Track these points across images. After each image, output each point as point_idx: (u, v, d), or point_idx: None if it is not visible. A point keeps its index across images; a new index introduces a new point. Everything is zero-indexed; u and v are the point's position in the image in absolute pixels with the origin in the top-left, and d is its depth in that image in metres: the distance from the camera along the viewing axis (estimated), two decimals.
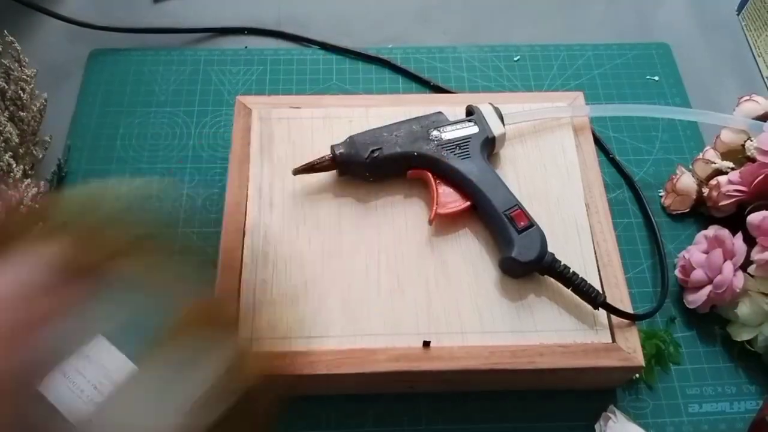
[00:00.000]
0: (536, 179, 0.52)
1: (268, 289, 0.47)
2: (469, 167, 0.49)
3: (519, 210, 0.48)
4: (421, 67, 0.67)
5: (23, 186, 0.54)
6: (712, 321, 0.53)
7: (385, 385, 0.48)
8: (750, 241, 0.51)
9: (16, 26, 0.65)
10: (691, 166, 0.59)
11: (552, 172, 0.53)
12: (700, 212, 0.58)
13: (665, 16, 0.73)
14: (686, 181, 0.58)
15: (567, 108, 0.56)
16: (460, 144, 0.50)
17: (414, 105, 0.55)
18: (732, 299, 0.50)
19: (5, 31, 0.60)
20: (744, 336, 0.51)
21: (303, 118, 0.55)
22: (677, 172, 0.58)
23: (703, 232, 0.54)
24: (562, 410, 0.49)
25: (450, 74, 0.66)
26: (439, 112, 0.53)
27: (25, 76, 0.59)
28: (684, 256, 0.54)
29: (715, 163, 0.56)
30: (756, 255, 0.50)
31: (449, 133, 0.51)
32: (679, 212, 0.58)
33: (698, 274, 0.52)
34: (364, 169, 0.50)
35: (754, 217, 0.50)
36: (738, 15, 0.72)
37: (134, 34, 0.68)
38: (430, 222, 0.50)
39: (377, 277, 0.48)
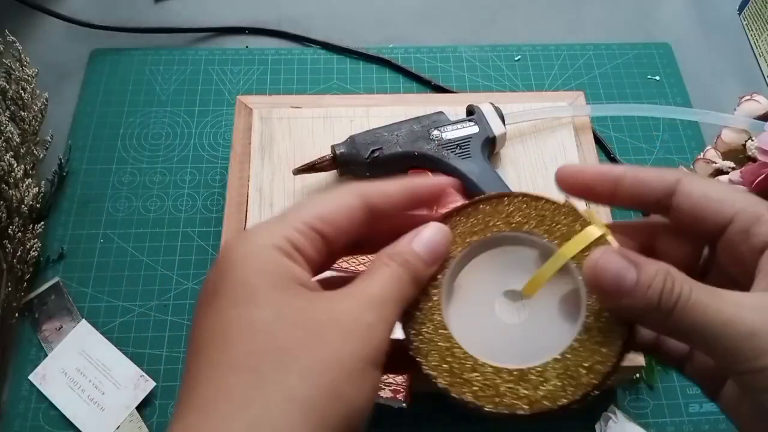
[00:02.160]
0: (537, 179, 0.52)
1: None
2: (470, 167, 0.49)
3: None
4: (422, 66, 0.67)
5: (24, 186, 0.54)
6: None
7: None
8: None
9: (18, 26, 0.65)
10: (692, 166, 0.59)
11: (553, 172, 0.52)
12: None
13: (666, 15, 0.73)
14: None
15: (568, 108, 0.56)
16: (461, 144, 0.50)
17: (415, 105, 0.55)
18: None
19: (6, 31, 0.60)
20: None
21: (303, 117, 0.55)
22: None
23: None
24: None
25: (451, 74, 0.66)
26: (440, 112, 0.53)
27: (26, 76, 0.59)
28: None
29: (716, 163, 0.56)
30: None
31: (450, 133, 0.51)
32: None
33: None
34: (365, 169, 0.50)
35: None
36: (739, 14, 0.72)
37: (135, 33, 0.68)
38: None
39: None
